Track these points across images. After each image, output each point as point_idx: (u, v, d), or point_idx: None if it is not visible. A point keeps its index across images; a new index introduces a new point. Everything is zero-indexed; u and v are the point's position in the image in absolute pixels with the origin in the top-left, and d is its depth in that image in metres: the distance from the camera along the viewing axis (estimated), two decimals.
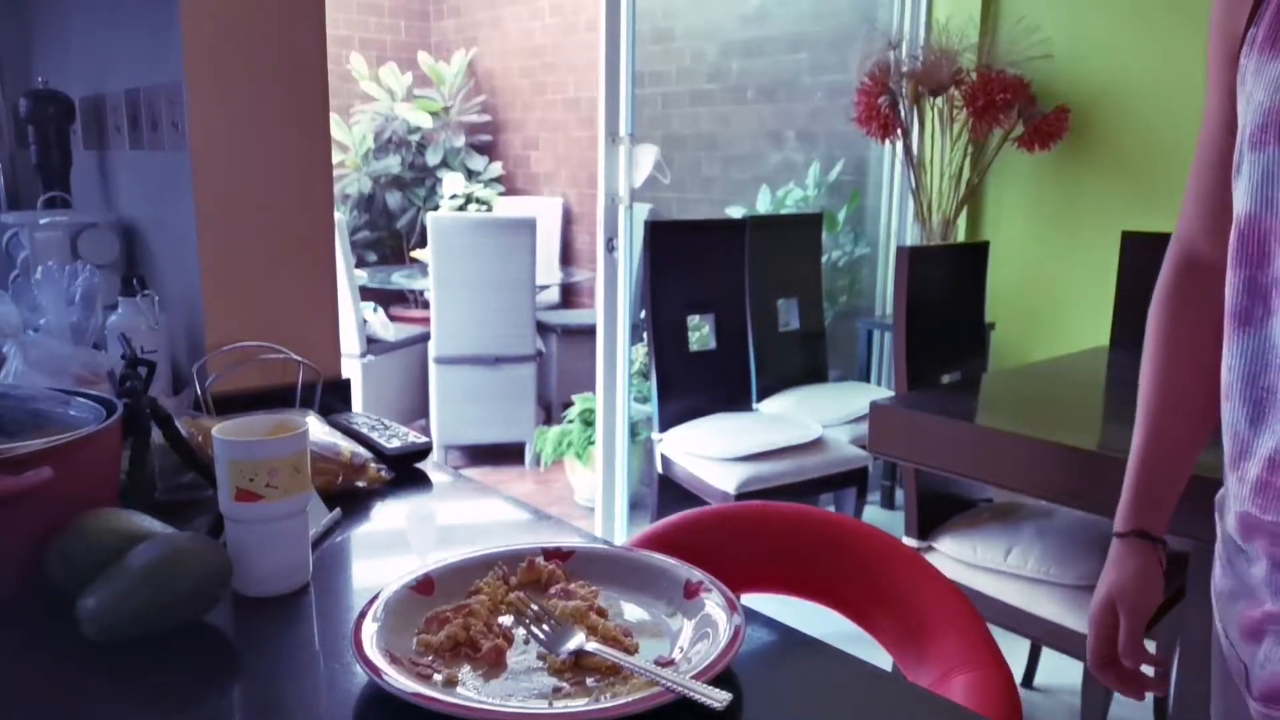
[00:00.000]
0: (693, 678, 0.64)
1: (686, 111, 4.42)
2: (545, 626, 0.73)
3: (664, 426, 2.69)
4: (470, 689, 0.67)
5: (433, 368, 3.85)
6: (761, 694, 0.67)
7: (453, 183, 5.10)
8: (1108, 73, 2.99)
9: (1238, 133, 0.78)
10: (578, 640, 0.71)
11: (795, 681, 0.68)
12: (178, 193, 1.32)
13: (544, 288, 4.25)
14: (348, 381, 1.42)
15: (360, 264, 4.97)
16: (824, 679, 0.60)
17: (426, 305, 4.14)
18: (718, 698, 0.61)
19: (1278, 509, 0.73)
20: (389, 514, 1.07)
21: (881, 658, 0.99)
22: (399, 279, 4.61)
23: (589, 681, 0.68)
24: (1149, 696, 2.04)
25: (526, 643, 0.73)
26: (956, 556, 1.95)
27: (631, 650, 0.72)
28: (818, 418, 2.77)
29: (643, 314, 2.81)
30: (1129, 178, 3.00)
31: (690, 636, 0.73)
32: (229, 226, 1.31)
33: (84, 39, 1.55)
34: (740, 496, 2.40)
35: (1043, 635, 1.84)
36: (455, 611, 0.75)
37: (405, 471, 1.17)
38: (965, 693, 1.00)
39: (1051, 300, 3.23)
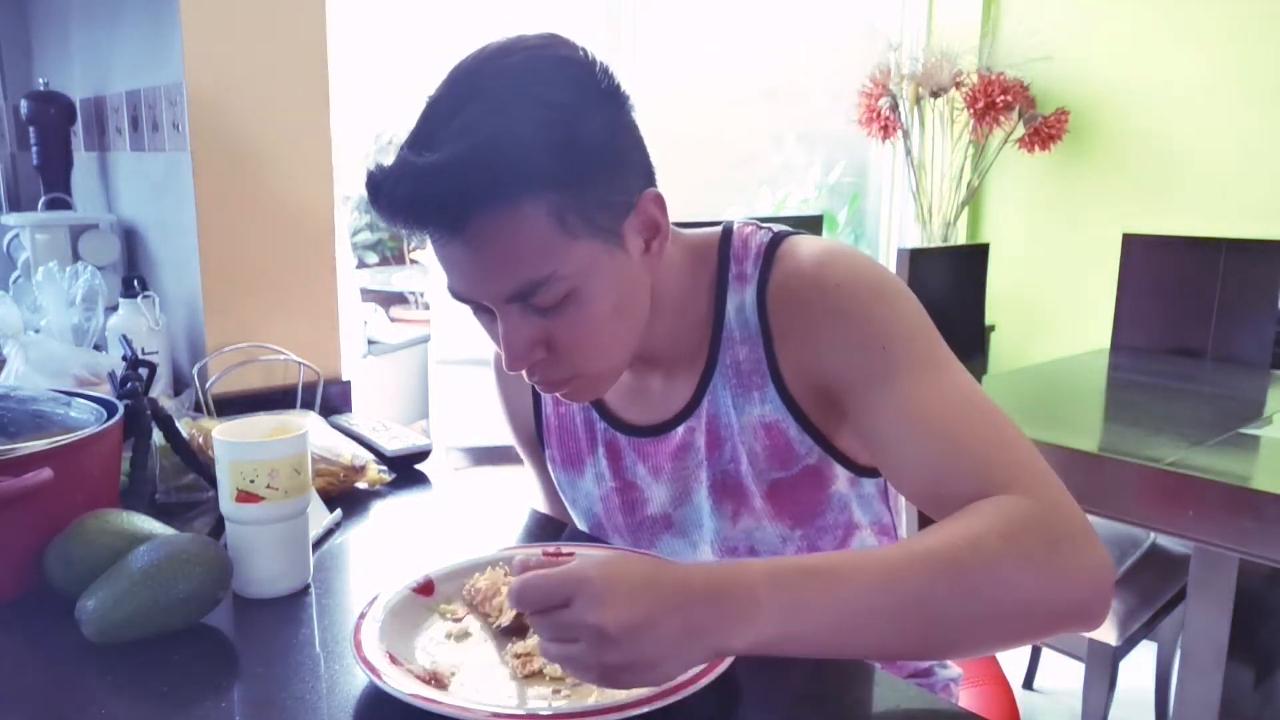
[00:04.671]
0: (691, 678, 0.63)
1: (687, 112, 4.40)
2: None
3: None
4: (470, 690, 0.67)
5: (433, 369, 3.85)
6: (761, 694, 0.67)
7: None
8: (1107, 75, 2.99)
9: None
10: None
11: (794, 682, 0.68)
12: (178, 193, 1.32)
13: None
14: (348, 383, 1.42)
15: (361, 265, 4.96)
16: (824, 680, 0.60)
17: (427, 307, 4.14)
18: None
19: None
20: (389, 515, 1.07)
21: None
22: (400, 280, 4.60)
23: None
24: (1148, 697, 2.04)
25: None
26: None
27: None
28: None
29: None
30: (1129, 179, 3.00)
31: None
32: (229, 227, 1.31)
33: (84, 40, 1.55)
34: None
35: None
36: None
37: (406, 473, 1.17)
38: (966, 707, 1.00)
39: (1052, 302, 3.23)
